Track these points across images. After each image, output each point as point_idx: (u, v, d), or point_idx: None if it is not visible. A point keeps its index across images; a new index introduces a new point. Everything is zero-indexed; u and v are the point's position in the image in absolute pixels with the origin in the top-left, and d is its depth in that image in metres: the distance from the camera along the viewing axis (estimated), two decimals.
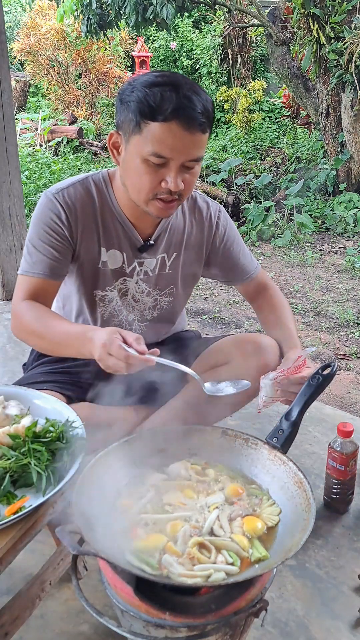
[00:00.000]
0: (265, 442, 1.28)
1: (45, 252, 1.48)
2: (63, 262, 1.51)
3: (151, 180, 1.36)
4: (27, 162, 6.78)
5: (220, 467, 1.27)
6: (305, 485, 1.15)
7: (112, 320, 1.66)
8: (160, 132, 1.30)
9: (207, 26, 10.22)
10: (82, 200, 1.51)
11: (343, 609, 1.41)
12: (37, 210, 1.51)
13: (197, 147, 1.35)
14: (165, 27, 5.68)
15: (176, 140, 1.31)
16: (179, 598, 1.01)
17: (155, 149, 1.31)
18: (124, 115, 1.35)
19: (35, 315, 1.44)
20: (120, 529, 1.09)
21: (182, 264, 1.67)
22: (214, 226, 1.68)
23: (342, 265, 4.63)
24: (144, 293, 1.65)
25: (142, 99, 1.30)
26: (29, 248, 1.50)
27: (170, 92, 1.29)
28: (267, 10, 6.12)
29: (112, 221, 1.54)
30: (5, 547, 1.03)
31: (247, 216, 5.40)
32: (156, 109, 1.28)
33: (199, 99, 1.31)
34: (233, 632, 1.05)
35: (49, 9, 8.85)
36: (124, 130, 1.37)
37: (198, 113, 1.30)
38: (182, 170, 1.36)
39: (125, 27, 7.39)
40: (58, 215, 1.48)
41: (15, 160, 3.02)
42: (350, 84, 5.02)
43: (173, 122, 1.29)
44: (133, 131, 1.34)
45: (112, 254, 1.57)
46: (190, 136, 1.31)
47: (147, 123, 1.30)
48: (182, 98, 1.29)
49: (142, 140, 1.32)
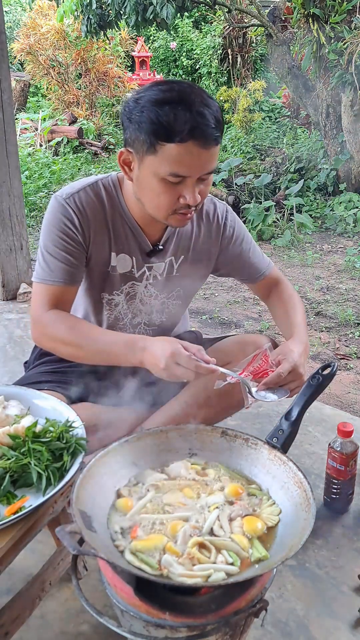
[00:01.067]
0: (265, 442, 1.28)
1: (62, 258, 1.47)
2: (79, 268, 1.51)
3: (170, 199, 1.37)
4: (27, 162, 6.78)
5: (220, 467, 1.27)
6: (305, 485, 1.15)
7: (117, 323, 1.65)
8: (177, 153, 1.29)
9: (207, 26, 10.23)
10: (93, 204, 1.50)
11: (343, 609, 1.41)
12: (49, 215, 1.50)
13: (212, 161, 1.35)
14: (165, 27, 5.68)
15: (193, 159, 1.31)
16: (179, 598, 1.01)
17: (173, 169, 1.31)
18: (135, 134, 1.34)
19: (67, 326, 1.44)
20: (120, 529, 1.09)
21: (189, 266, 1.67)
22: (222, 227, 1.67)
23: (342, 265, 4.63)
24: (151, 297, 1.66)
25: (155, 120, 1.28)
26: (44, 255, 1.49)
27: (183, 111, 1.27)
28: (267, 10, 6.12)
29: (122, 226, 1.54)
30: (5, 547, 1.03)
31: (247, 216, 5.40)
32: (171, 131, 1.27)
33: (211, 112, 1.30)
34: (233, 632, 1.05)
35: (49, 9, 8.85)
36: (135, 149, 1.36)
37: (212, 128, 1.30)
38: (198, 183, 1.37)
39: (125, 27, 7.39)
40: (71, 221, 1.47)
41: (15, 160, 3.02)
42: (350, 84, 5.02)
43: (189, 142, 1.28)
44: (147, 152, 1.32)
45: (121, 258, 1.56)
46: (207, 152, 1.31)
47: (162, 144, 1.29)
48: (196, 115, 1.27)
49: (158, 161, 1.32)
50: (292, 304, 1.71)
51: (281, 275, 1.80)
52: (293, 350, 1.48)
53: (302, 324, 1.63)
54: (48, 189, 6.24)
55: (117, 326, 1.66)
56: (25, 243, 3.21)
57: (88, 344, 1.42)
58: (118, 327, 1.66)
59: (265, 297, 1.79)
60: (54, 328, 1.45)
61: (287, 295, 1.74)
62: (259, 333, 3.52)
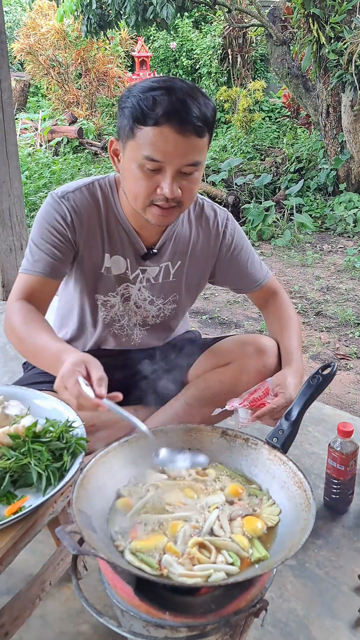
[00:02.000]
0: (265, 442, 1.28)
1: (47, 250, 1.47)
2: (64, 262, 1.50)
3: (147, 186, 1.35)
4: (27, 162, 6.78)
5: (220, 467, 1.27)
6: (305, 485, 1.15)
7: (113, 324, 1.66)
8: (152, 135, 1.29)
9: (207, 26, 10.23)
10: (89, 205, 1.50)
11: (343, 609, 1.41)
12: (42, 210, 1.51)
13: (192, 152, 1.32)
14: (165, 27, 5.68)
15: (169, 144, 1.29)
16: (179, 598, 1.01)
17: (148, 153, 1.30)
18: (121, 121, 1.35)
19: (23, 319, 1.42)
20: (120, 529, 1.09)
21: (186, 273, 1.66)
22: (221, 235, 1.66)
23: (342, 265, 4.63)
24: (146, 301, 1.65)
25: (136, 104, 1.29)
26: (31, 247, 1.50)
27: (163, 96, 1.27)
28: (267, 10, 6.12)
29: (117, 228, 1.53)
30: (5, 547, 1.03)
31: (247, 216, 5.40)
32: (147, 113, 1.27)
33: (195, 102, 1.29)
34: (233, 632, 1.05)
35: (49, 9, 8.85)
36: (121, 136, 1.37)
37: (192, 116, 1.28)
38: (179, 177, 1.34)
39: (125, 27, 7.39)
40: (63, 217, 1.47)
41: (15, 160, 3.02)
42: (350, 84, 5.02)
43: (165, 126, 1.27)
44: (128, 137, 1.33)
45: (115, 260, 1.56)
46: (184, 140, 1.29)
47: (139, 128, 1.29)
48: (175, 101, 1.27)
49: (136, 145, 1.32)
50: (288, 321, 1.70)
51: (279, 287, 1.78)
52: (290, 383, 1.50)
53: (298, 349, 1.64)
54: (48, 189, 6.24)
55: (113, 327, 1.66)
56: (25, 243, 3.21)
57: (27, 342, 1.39)
58: (115, 328, 1.66)
59: (262, 306, 1.79)
60: (13, 318, 1.43)
61: (283, 310, 1.72)
62: (259, 333, 3.52)
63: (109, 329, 1.66)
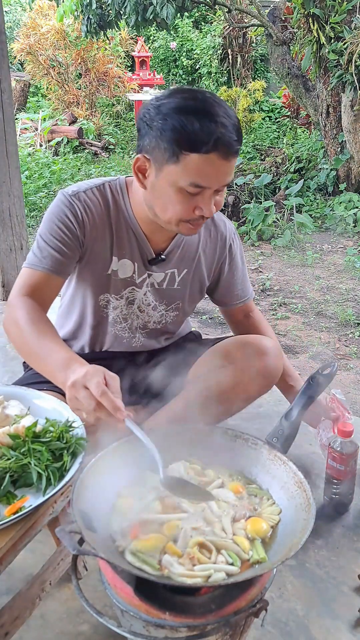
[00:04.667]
0: (265, 442, 1.28)
1: (55, 247, 1.45)
2: (70, 261, 1.49)
3: (185, 209, 1.36)
4: (27, 162, 6.78)
5: (220, 468, 1.27)
6: (305, 485, 1.15)
7: (115, 326, 1.65)
8: (201, 163, 1.28)
9: (207, 26, 10.24)
10: (99, 206, 1.50)
11: (343, 609, 1.41)
12: (53, 206, 1.49)
13: (231, 173, 1.35)
14: (165, 27, 5.68)
15: (215, 170, 1.30)
16: (179, 598, 1.01)
17: (194, 180, 1.30)
18: (155, 142, 1.32)
19: (28, 316, 1.37)
20: (120, 529, 1.09)
21: (191, 281, 1.67)
22: (227, 248, 1.68)
23: (342, 265, 4.63)
24: (150, 306, 1.65)
25: (180, 129, 1.27)
26: (39, 242, 1.48)
27: (208, 122, 1.26)
28: (267, 10, 6.12)
29: (126, 231, 1.53)
30: (5, 547, 1.02)
31: (247, 216, 5.40)
32: (197, 141, 1.26)
33: (233, 123, 1.30)
34: (233, 632, 1.05)
35: (49, 9, 8.85)
36: (154, 157, 1.34)
37: (235, 140, 1.29)
38: (214, 194, 1.36)
39: (125, 27, 7.40)
40: (74, 215, 1.46)
41: (15, 160, 3.02)
42: (350, 84, 5.02)
43: (213, 154, 1.28)
44: (168, 161, 1.31)
45: (123, 264, 1.56)
46: (228, 163, 1.31)
47: (186, 154, 1.28)
48: (220, 127, 1.27)
49: (180, 171, 1.30)
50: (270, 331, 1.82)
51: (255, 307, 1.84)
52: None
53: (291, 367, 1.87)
54: (48, 189, 6.24)
55: (115, 328, 1.66)
56: (25, 243, 3.21)
57: (35, 342, 1.34)
58: (117, 329, 1.66)
59: (237, 321, 1.83)
60: (17, 314, 1.38)
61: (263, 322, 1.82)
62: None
63: (111, 330, 1.66)
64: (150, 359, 1.71)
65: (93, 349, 1.70)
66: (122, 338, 1.68)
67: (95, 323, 1.65)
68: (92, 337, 1.68)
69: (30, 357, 1.37)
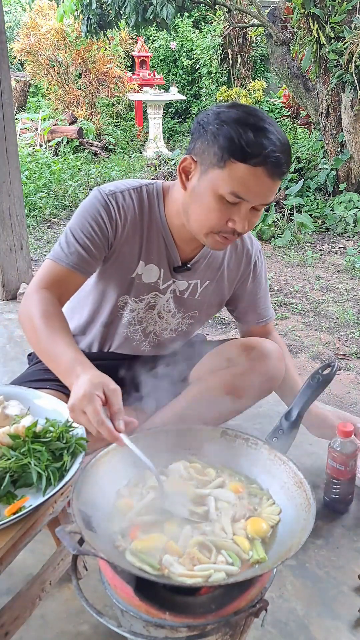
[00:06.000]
0: (265, 442, 1.28)
1: (84, 244, 1.44)
2: (96, 260, 1.48)
3: (219, 218, 1.35)
4: (27, 162, 6.77)
5: (220, 467, 1.27)
6: (305, 485, 1.15)
7: (128, 327, 1.65)
8: (246, 174, 1.29)
9: (207, 26, 10.23)
10: (134, 209, 1.49)
11: (343, 609, 1.41)
12: (87, 203, 1.48)
13: (273, 194, 1.35)
14: (165, 27, 5.68)
15: (259, 186, 1.30)
16: (179, 598, 1.01)
17: (235, 189, 1.30)
18: (206, 145, 1.33)
19: (45, 312, 1.36)
20: (120, 529, 1.09)
21: (211, 293, 1.67)
22: (252, 265, 1.68)
23: (342, 265, 4.63)
24: (170, 313, 1.65)
25: (235, 137, 1.27)
26: (67, 237, 1.46)
27: (264, 138, 1.27)
28: (267, 10, 6.12)
29: (157, 236, 1.52)
30: (5, 547, 1.03)
31: None
32: (249, 152, 1.27)
33: (284, 146, 1.30)
34: (233, 632, 1.05)
35: (49, 9, 8.84)
36: (202, 159, 1.35)
37: (284, 162, 1.30)
38: (251, 212, 1.36)
39: (125, 27, 7.39)
40: (108, 214, 1.46)
41: (15, 160, 3.02)
42: (350, 84, 5.02)
43: (260, 168, 1.28)
44: (215, 165, 1.31)
45: (149, 269, 1.55)
46: (272, 183, 1.31)
47: (234, 162, 1.29)
48: (273, 145, 1.27)
49: (223, 177, 1.31)
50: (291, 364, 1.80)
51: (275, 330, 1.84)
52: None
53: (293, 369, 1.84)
54: (48, 189, 6.23)
55: (128, 330, 1.66)
56: (25, 243, 3.21)
57: (45, 340, 1.33)
58: (128, 332, 1.66)
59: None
60: (33, 308, 1.37)
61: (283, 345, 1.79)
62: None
63: (122, 332, 1.66)
64: (153, 361, 1.70)
65: (101, 348, 1.70)
66: (131, 341, 1.68)
67: (109, 322, 1.64)
68: (102, 335, 1.68)
69: (40, 352, 1.37)
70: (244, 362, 1.62)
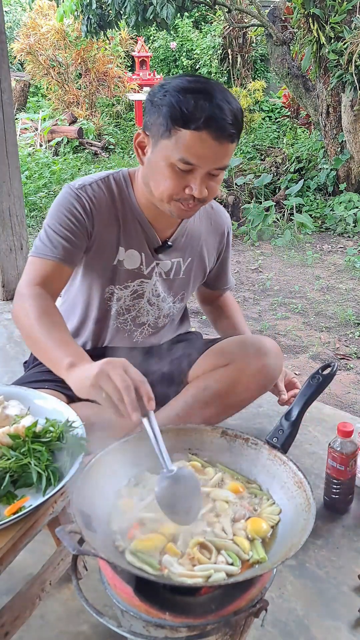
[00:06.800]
0: (265, 442, 1.28)
1: (64, 236, 1.46)
2: (79, 250, 1.50)
3: (175, 185, 1.37)
4: (27, 162, 6.78)
5: (220, 467, 1.27)
6: (305, 485, 1.15)
7: (117, 318, 1.66)
8: (191, 139, 1.31)
9: (207, 26, 10.24)
10: (105, 198, 1.52)
11: (343, 609, 1.41)
12: (59, 199, 1.51)
13: (224, 156, 1.36)
14: (165, 27, 5.68)
15: (205, 149, 1.32)
16: (179, 598, 1.01)
17: (183, 155, 1.32)
18: (154, 117, 1.36)
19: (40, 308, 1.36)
20: (120, 529, 1.09)
21: (194, 269, 1.71)
22: (225, 236, 1.76)
23: (342, 265, 4.63)
24: (159, 297, 1.66)
25: (175, 104, 1.30)
26: (47, 231, 1.48)
27: (203, 101, 1.29)
28: (267, 10, 6.12)
29: (132, 221, 1.55)
30: (5, 547, 1.02)
31: (247, 216, 5.40)
32: (189, 117, 1.29)
33: (231, 108, 1.32)
34: (233, 632, 1.05)
35: (49, 9, 8.84)
36: (152, 132, 1.38)
37: (229, 124, 1.31)
38: (207, 177, 1.37)
39: (125, 27, 7.39)
40: (82, 206, 1.48)
41: (15, 160, 3.02)
42: (350, 84, 5.02)
43: (204, 132, 1.29)
44: (163, 135, 1.34)
45: (130, 254, 1.57)
46: (219, 146, 1.32)
47: (178, 129, 1.31)
48: (215, 107, 1.29)
49: (171, 146, 1.33)
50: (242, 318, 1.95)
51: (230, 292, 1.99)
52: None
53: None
54: (48, 189, 6.24)
55: (117, 321, 1.66)
56: (25, 243, 3.21)
57: (41, 335, 1.32)
58: (118, 323, 1.67)
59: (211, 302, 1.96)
60: (28, 304, 1.37)
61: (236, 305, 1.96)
62: (259, 333, 3.52)
63: (113, 324, 1.66)
64: (150, 358, 1.71)
65: (95, 345, 1.70)
66: (123, 332, 1.68)
67: (100, 317, 1.65)
68: (95, 332, 1.68)
69: (38, 350, 1.36)
70: (241, 359, 1.63)
